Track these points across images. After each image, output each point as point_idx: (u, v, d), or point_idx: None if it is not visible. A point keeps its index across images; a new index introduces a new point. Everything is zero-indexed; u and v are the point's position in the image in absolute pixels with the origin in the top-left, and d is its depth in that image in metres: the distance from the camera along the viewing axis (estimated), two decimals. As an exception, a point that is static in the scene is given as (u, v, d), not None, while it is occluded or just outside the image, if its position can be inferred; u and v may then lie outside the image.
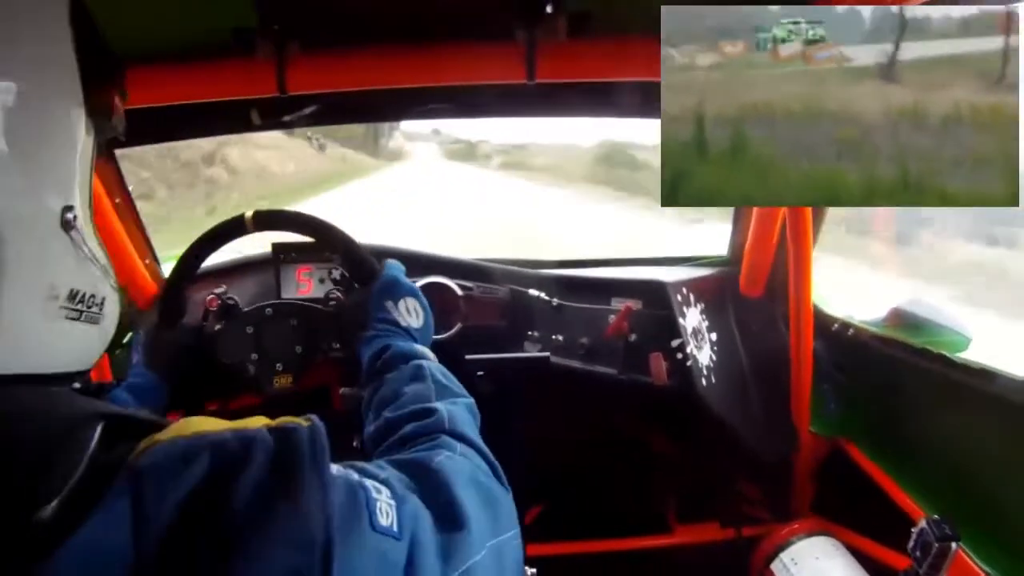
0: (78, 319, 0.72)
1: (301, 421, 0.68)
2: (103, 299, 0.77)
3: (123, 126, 0.84)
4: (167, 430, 0.61)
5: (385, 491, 0.74)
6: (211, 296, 1.60)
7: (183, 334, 1.53)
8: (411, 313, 1.31)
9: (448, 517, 0.79)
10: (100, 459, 0.57)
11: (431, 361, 1.20)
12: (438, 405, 1.03)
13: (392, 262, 1.41)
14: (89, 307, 0.74)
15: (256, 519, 0.57)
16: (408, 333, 1.28)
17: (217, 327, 1.56)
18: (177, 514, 0.55)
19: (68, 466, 0.56)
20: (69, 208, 0.71)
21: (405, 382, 1.11)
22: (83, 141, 0.75)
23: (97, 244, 0.76)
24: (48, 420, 0.58)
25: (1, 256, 0.62)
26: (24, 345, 0.66)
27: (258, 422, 0.67)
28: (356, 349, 1.31)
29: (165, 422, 0.64)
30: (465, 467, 0.90)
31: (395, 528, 0.70)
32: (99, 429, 0.59)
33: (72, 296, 0.71)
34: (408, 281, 1.37)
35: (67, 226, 0.71)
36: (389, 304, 1.30)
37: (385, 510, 0.71)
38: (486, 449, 0.99)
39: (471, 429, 1.02)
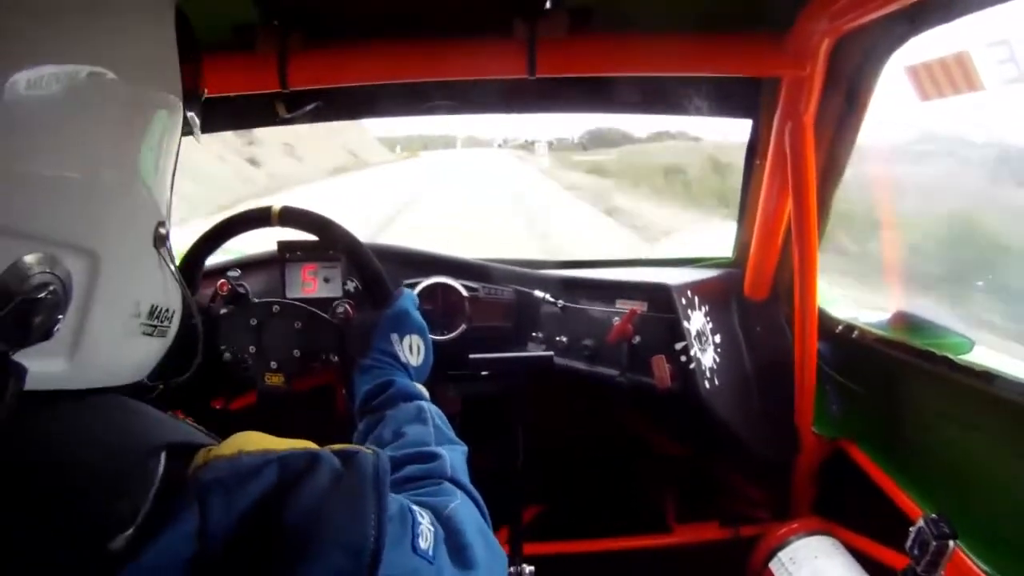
0: (152, 334, 0.73)
1: (365, 449, 0.71)
2: (174, 312, 0.78)
3: (199, 126, 0.84)
4: (227, 444, 0.63)
5: (428, 516, 0.78)
6: (222, 281, 1.60)
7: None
8: (413, 350, 1.31)
9: (461, 559, 0.82)
10: (166, 486, 0.59)
11: (431, 403, 1.21)
12: (440, 451, 1.04)
13: (407, 292, 1.41)
14: (162, 321, 0.75)
15: (313, 524, 0.60)
16: (406, 369, 1.28)
17: (223, 311, 1.56)
18: (242, 516, 0.58)
19: (138, 497, 0.57)
20: (162, 224, 0.72)
21: (406, 422, 1.12)
22: (176, 148, 0.76)
23: (172, 256, 0.76)
24: (119, 450, 0.60)
25: (95, 273, 0.63)
26: (100, 361, 0.66)
27: (308, 445, 0.69)
28: (351, 371, 1.32)
29: (217, 440, 0.66)
30: (472, 516, 0.92)
31: (430, 553, 0.74)
32: (163, 457, 0.60)
33: (152, 312, 0.72)
34: (418, 316, 1.37)
35: (159, 242, 0.72)
36: (394, 337, 1.30)
37: (426, 535, 0.75)
38: (480, 499, 1.00)
39: (467, 478, 1.03)
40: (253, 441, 0.64)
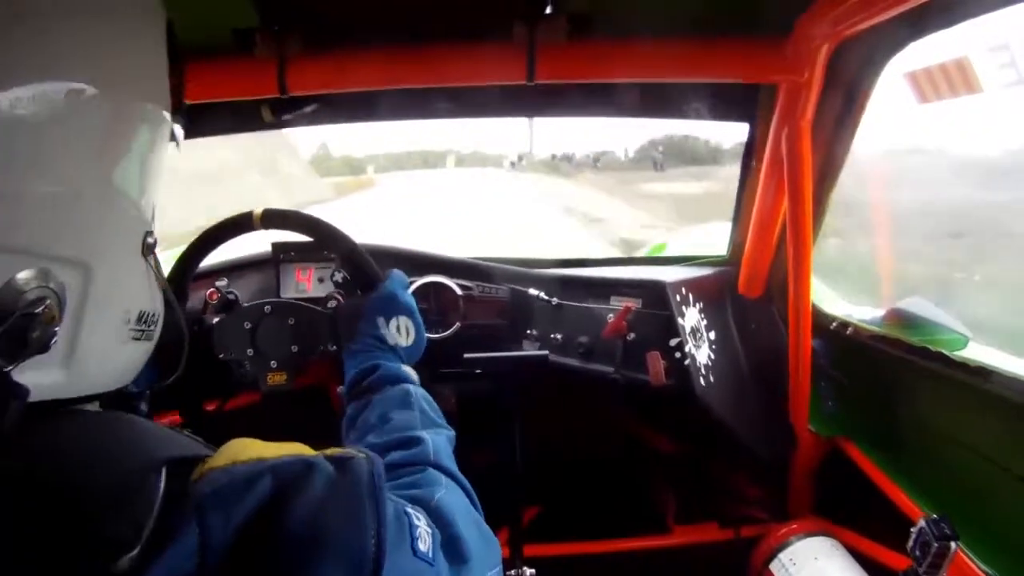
0: (140, 339, 0.73)
1: (357, 452, 0.70)
2: (159, 317, 0.77)
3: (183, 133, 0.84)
4: (219, 455, 0.63)
5: (424, 518, 0.77)
6: (211, 290, 1.59)
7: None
8: (402, 332, 1.29)
9: (453, 551, 0.81)
10: (168, 504, 0.58)
11: (417, 386, 1.20)
12: (424, 435, 1.03)
13: (396, 273, 1.39)
14: (149, 326, 0.75)
15: (312, 534, 0.60)
16: (395, 351, 1.27)
17: (215, 320, 1.55)
18: (239, 530, 0.57)
19: (140, 516, 0.56)
20: (150, 233, 0.72)
21: (392, 407, 1.11)
22: (163, 157, 0.75)
23: (158, 262, 0.76)
24: (119, 467, 0.59)
25: (87, 284, 0.63)
26: (94, 368, 0.66)
27: (299, 448, 0.69)
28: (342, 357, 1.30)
29: (214, 449, 0.65)
30: (460, 504, 0.92)
31: (430, 555, 0.73)
32: (164, 474, 0.60)
33: (140, 318, 0.72)
34: (407, 297, 1.34)
35: (147, 251, 0.72)
36: (380, 320, 1.28)
37: (424, 537, 0.74)
38: (467, 483, 1.00)
39: (451, 462, 1.03)
40: (245, 450, 0.64)
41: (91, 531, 0.54)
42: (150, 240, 0.72)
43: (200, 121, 1.95)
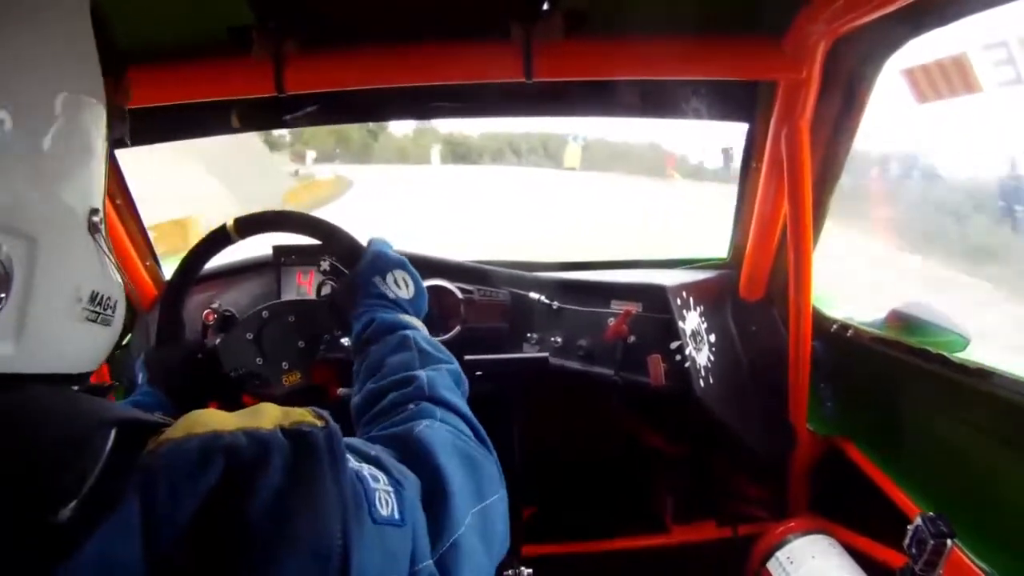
0: (95, 321, 0.73)
1: (315, 420, 0.67)
2: (116, 302, 0.77)
3: (128, 126, 0.85)
4: (175, 426, 0.61)
5: (383, 477, 0.74)
6: (207, 311, 1.59)
7: (185, 352, 1.49)
8: (400, 284, 1.27)
9: (433, 488, 0.80)
10: (115, 461, 0.58)
11: (417, 330, 1.18)
12: (419, 372, 1.02)
13: (377, 237, 1.37)
14: (104, 309, 0.75)
15: (275, 528, 0.58)
16: (398, 305, 1.25)
17: (217, 340, 1.54)
18: (192, 519, 0.56)
19: (85, 469, 0.56)
20: (95, 211, 0.73)
21: (389, 353, 1.10)
22: (104, 142, 0.76)
23: (109, 246, 0.77)
24: (68, 424, 0.59)
25: (33, 256, 0.64)
26: (46, 344, 0.67)
27: (268, 412, 0.67)
28: (351, 331, 1.29)
29: (173, 423, 0.64)
30: (445, 434, 0.90)
31: (396, 516, 0.71)
32: (113, 433, 0.59)
33: (93, 298, 0.72)
34: (394, 253, 1.33)
35: (93, 229, 0.72)
36: (377, 279, 1.26)
37: (384, 499, 0.71)
38: (469, 412, 0.99)
39: (452, 394, 1.02)
40: (203, 420, 0.63)
41: (35, 483, 0.54)
42: (95, 219, 0.73)
43: (211, 117, 1.97)
